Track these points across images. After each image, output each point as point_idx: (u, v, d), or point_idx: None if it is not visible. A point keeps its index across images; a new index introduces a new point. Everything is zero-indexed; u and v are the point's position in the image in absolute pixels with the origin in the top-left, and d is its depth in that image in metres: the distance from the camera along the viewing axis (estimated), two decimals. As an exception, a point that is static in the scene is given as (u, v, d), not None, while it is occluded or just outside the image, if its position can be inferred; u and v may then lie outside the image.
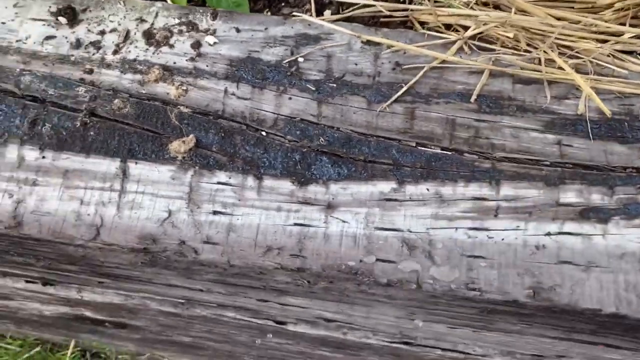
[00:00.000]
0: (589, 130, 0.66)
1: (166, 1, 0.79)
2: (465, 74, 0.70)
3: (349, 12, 0.82)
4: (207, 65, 0.71)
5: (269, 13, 0.90)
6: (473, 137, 0.66)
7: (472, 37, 0.72)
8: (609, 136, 0.66)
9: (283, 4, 0.91)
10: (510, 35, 0.69)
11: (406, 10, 0.79)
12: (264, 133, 0.67)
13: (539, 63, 0.69)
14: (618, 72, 0.69)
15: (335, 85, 0.70)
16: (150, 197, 0.64)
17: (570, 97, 0.68)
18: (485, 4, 0.77)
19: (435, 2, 0.76)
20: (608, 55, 0.69)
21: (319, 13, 0.86)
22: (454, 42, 0.71)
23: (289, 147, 0.66)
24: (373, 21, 0.84)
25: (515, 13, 0.75)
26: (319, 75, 0.70)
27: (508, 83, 0.69)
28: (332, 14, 0.86)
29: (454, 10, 0.73)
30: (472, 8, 0.74)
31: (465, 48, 0.71)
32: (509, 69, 0.69)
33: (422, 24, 0.78)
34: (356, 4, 0.80)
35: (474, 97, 0.68)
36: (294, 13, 0.74)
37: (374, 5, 0.81)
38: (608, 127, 0.67)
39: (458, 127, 0.67)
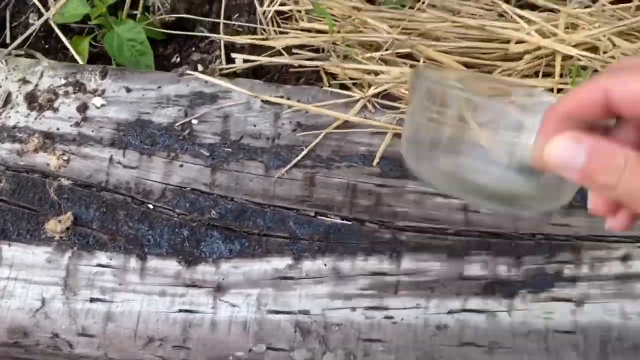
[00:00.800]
0: (497, 194, 0.63)
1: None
2: (369, 134, 0.66)
3: (260, 57, 0.78)
4: (92, 131, 0.66)
5: (178, 58, 0.85)
6: (374, 205, 0.62)
7: (377, 95, 0.68)
8: (517, 200, 0.63)
9: (193, 49, 0.86)
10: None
11: (316, 60, 0.75)
12: (150, 206, 0.62)
13: (446, 121, 0.66)
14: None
15: (231, 149, 0.65)
16: (23, 284, 0.59)
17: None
18: (400, 55, 0.73)
19: (344, 56, 0.72)
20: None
21: (230, 59, 0.81)
22: (357, 101, 0.67)
23: (177, 222, 0.61)
24: (285, 69, 0.79)
25: (424, 61, 0.72)
26: (214, 139, 0.66)
27: (414, 143, 0.66)
28: (244, 60, 0.81)
29: (359, 65, 0.69)
30: (379, 61, 0.70)
31: (370, 106, 0.67)
32: (413, 129, 0.65)
33: (332, 75, 0.74)
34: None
35: (376, 160, 0.64)
36: (188, 71, 0.69)
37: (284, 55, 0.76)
38: (517, 190, 0.63)
39: (359, 193, 0.63)
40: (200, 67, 0.82)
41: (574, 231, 0.61)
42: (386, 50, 0.70)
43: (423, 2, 0.75)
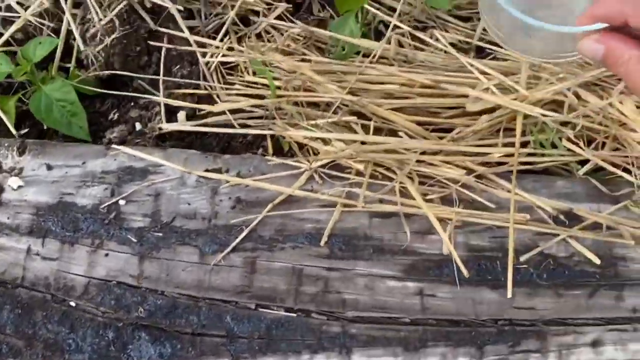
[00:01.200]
0: (456, 275, 0.57)
1: None
2: (316, 209, 0.60)
3: (204, 114, 0.72)
4: (8, 217, 0.59)
5: (116, 115, 0.79)
6: (322, 292, 0.56)
7: (325, 165, 0.62)
8: (478, 280, 0.57)
9: (132, 104, 0.80)
10: (361, 167, 0.60)
11: (262, 120, 0.69)
12: (72, 304, 0.56)
13: (401, 194, 0.60)
14: (486, 201, 0.60)
15: (162, 233, 0.59)
16: None
17: (434, 232, 0.59)
18: (352, 113, 0.67)
19: (291, 116, 0.66)
20: (476, 181, 0.60)
21: (172, 115, 0.75)
22: (303, 172, 0.61)
23: (102, 322, 0.55)
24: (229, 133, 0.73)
25: (377, 120, 0.66)
26: (144, 221, 0.59)
27: (364, 218, 0.60)
28: (187, 117, 0.75)
29: (305, 133, 0.63)
30: (327, 126, 0.64)
31: (317, 177, 0.62)
32: (362, 204, 0.60)
33: (278, 141, 0.68)
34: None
35: (324, 239, 0.58)
36: (114, 146, 0.63)
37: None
38: (478, 269, 0.58)
39: (305, 279, 0.57)
40: (138, 126, 0.76)
41: (539, 315, 0.55)
42: (334, 112, 0.64)
43: (374, 56, 0.69)
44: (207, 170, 0.62)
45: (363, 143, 0.62)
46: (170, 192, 0.61)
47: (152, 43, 0.76)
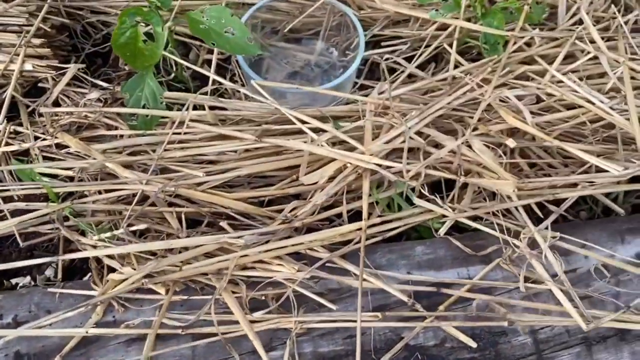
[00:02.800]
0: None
1: None
2: (124, 346, 0.47)
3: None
4: None
5: None
6: None
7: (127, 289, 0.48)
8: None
9: None
10: (162, 291, 0.47)
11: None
12: None
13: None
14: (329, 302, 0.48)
15: None
16: None
17: (276, 347, 0.47)
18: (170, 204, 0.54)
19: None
20: (313, 278, 0.48)
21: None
22: (97, 304, 0.48)
23: None
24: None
25: (195, 206, 0.53)
26: None
27: (187, 345, 0.47)
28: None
29: (95, 253, 0.49)
30: (130, 237, 0.50)
31: (116, 305, 0.48)
32: (178, 330, 0.47)
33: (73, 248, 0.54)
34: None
35: (135, 386, 0.45)
36: None
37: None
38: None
39: None
40: None
41: None
42: (132, 220, 0.50)
43: (180, 123, 0.56)
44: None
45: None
46: None
47: None
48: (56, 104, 0.64)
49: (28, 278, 0.57)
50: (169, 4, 0.53)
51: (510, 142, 0.49)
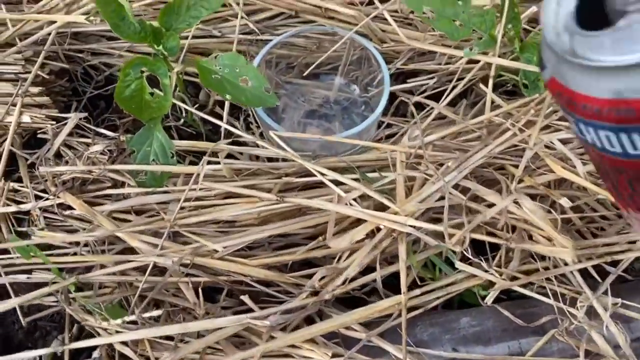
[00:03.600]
0: None
1: None
2: None
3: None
4: None
5: None
6: None
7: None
8: None
9: None
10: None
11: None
12: None
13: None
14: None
15: None
16: None
17: None
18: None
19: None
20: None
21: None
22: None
23: None
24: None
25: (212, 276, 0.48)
26: None
27: None
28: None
29: (106, 339, 0.44)
30: (144, 321, 0.45)
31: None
32: None
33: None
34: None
35: None
36: None
37: None
38: None
39: None
40: None
41: None
42: (144, 292, 0.45)
43: (196, 177, 0.51)
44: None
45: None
46: None
47: None
48: (58, 155, 0.60)
49: (33, 353, 0.53)
50: (176, 52, 0.48)
51: (565, 202, 0.44)
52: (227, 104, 0.59)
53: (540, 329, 0.45)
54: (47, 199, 0.54)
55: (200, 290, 0.47)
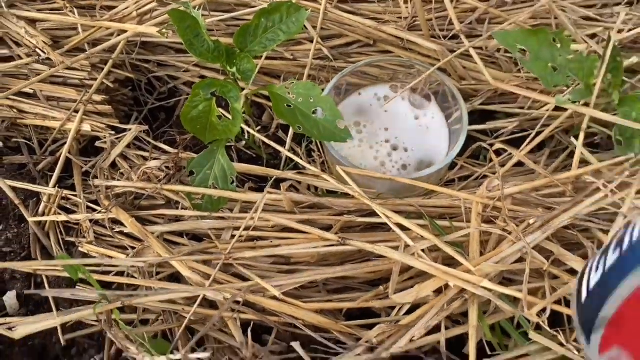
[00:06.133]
0: None
1: None
2: None
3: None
4: None
5: None
6: None
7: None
8: None
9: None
10: None
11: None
12: None
13: None
14: None
15: None
16: None
17: None
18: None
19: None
20: None
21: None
22: None
23: None
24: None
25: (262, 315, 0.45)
26: None
27: None
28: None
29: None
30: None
31: None
32: None
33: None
34: None
35: None
36: None
37: None
38: None
39: None
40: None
41: None
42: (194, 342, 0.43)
43: (255, 210, 0.48)
44: None
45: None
46: None
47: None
48: (113, 164, 0.58)
49: (67, 372, 0.51)
50: (250, 76, 0.46)
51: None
52: (291, 129, 0.56)
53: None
54: (100, 211, 0.53)
55: (249, 330, 0.44)
